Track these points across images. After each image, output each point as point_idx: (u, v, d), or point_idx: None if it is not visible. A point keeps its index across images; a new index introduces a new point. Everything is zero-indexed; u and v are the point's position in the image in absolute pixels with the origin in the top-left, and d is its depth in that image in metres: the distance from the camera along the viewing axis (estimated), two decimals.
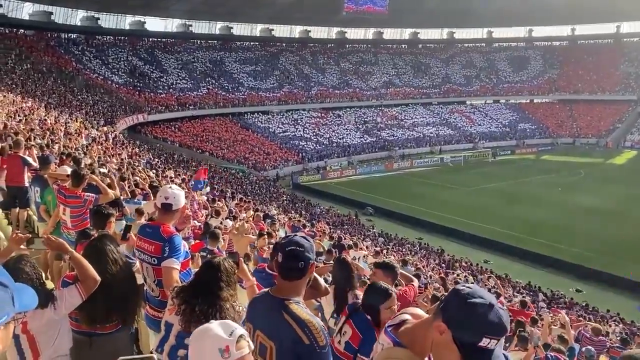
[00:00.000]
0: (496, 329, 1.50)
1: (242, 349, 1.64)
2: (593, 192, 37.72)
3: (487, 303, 1.52)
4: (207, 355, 1.62)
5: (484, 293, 1.56)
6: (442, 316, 1.56)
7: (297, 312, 2.16)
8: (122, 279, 3.18)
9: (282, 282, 2.28)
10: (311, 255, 2.24)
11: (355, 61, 72.95)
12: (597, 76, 70.89)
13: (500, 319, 1.51)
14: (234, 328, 1.68)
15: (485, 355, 1.52)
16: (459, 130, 63.57)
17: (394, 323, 1.79)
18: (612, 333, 13.22)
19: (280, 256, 2.24)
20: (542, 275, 23.84)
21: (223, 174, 35.51)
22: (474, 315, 1.50)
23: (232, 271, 2.87)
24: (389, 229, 30.05)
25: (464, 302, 1.53)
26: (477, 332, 1.50)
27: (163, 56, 59.33)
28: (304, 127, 57.05)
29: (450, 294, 1.59)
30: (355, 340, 3.00)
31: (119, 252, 3.32)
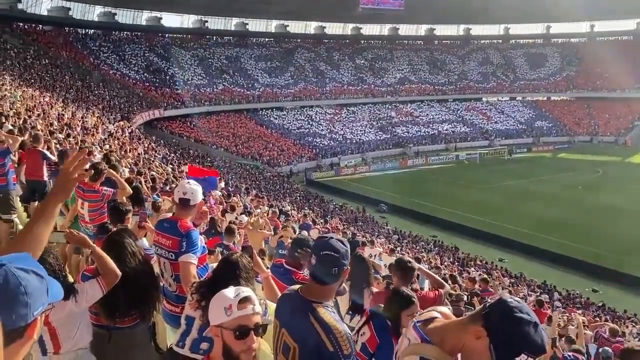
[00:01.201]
0: (536, 348, 1.53)
1: (245, 308, 1.78)
2: (611, 191, 37.18)
3: (532, 321, 1.54)
4: (216, 312, 1.82)
5: (530, 310, 1.57)
6: (483, 322, 1.57)
7: (324, 317, 2.10)
8: (141, 273, 3.20)
9: (312, 284, 2.23)
10: (345, 262, 2.19)
11: (370, 57, 72.68)
12: (616, 73, 69.68)
13: (542, 339, 1.54)
14: (242, 291, 1.84)
15: None
16: (474, 128, 63.07)
17: (422, 319, 1.79)
18: (629, 334, 13.05)
19: (315, 259, 2.19)
20: (557, 274, 23.58)
21: (238, 170, 35.68)
22: (518, 330, 1.52)
23: (249, 267, 2.88)
24: (403, 226, 29.94)
25: (511, 314, 1.54)
26: (517, 346, 1.53)
27: (179, 52, 59.67)
28: (318, 124, 57.04)
29: (497, 304, 1.60)
30: (372, 344, 2.94)
31: (138, 246, 3.34)
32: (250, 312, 1.78)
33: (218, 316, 1.80)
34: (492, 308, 1.59)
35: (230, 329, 1.77)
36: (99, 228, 4.66)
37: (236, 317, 1.77)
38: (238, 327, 1.77)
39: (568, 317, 12.71)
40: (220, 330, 1.79)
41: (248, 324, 1.78)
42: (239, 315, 1.77)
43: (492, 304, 1.60)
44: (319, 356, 2.06)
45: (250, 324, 1.78)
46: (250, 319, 1.79)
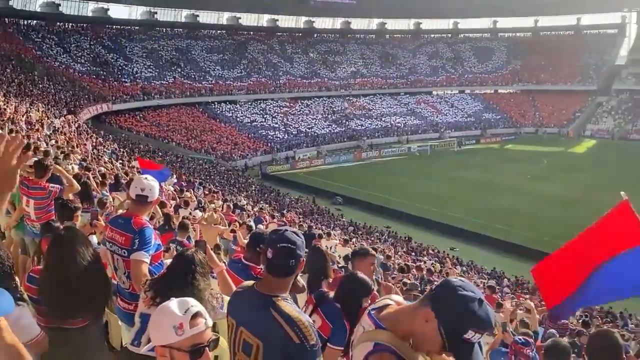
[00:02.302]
0: (483, 324, 1.57)
1: (197, 325, 1.64)
2: (556, 180, 38.77)
3: (477, 298, 1.58)
4: (163, 331, 1.64)
5: (474, 287, 1.61)
6: (430, 304, 1.61)
7: (286, 310, 2.09)
8: (91, 271, 3.09)
9: (269, 277, 2.20)
10: (302, 253, 2.19)
11: (323, 51, 72.81)
12: (559, 67, 72.59)
13: (488, 315, 1.58)
14: (190, 305, 1.67)
15: (467, 346, 1.58)
16: (425, 120, 64.31)
17: (376, 307, 1.82)
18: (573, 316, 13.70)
19: (271, 252, 2.16)
20: (506, 261, 24.42)
21: (191, 165, 35.09)
22: (464, 307, 1.56)
23: (205, 262, 2.83)
24: (358, 217, 30.29)
25: (456, 293, 1.58)
26: (464, 324, 1.56)
27: (127, 44, 57.95)
28: (273, 117, 56.76)
29: (442, 285, 1.65)
30: (325, 330, 2.91)
31: (88, 243, 3.23)
32: (203, 328, 1.65)
33: (166, 336, 1.63)
34: (437, 290, 1.64)
35: (183, 350, 1.62)
36: (44, 226, 4.50)
37: (189, 336, 1.62)
38: (192, 347, 1.63)
39: (517, 302, 13.22)
40: (170, 351, 1.63)
41: (202, 342, 1.65)
42: (192, 334, 1.62)
43: (438, 286, 1.66)
44: (286, 350, 2.05)
45: (204, 341, 1.66)
46: (203, 336, 1.66)
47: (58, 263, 3.00)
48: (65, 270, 2.97)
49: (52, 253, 3.07)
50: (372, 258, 4.04)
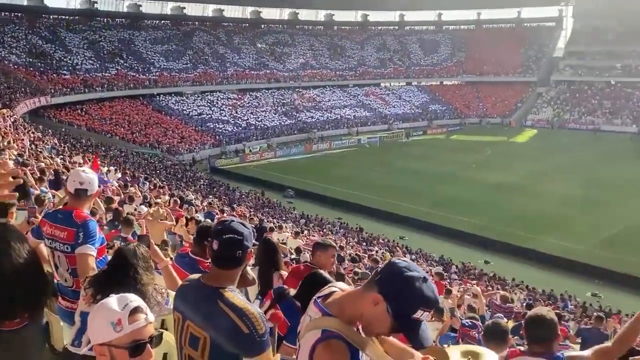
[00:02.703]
0: (430, 302, 1.59)
1: (137, 321, 1.58)
2: (499, 169, 40.14)
3: (422, 277, 1.60)
4: (100, 328, 1.58)
5: (417, 267, 1.63)
6: (377, 288, 1.61)
7: (234, 301, 2.06)
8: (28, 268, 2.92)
9: (216, 270, 2.17)
10: (249, 244, 2.16)
11: (271, 42, 72.21)
12: (501, 59, 75.00)
13: (434, 292, 1.60)
14: (129, 301, 1.62)
15: (416, 326, 1.59)
16: (374, 112, 65.04)
17: (322, 294, 1.81)
18: (517, 300, 14.26)
19: (216, 244, 2.13)
20: (453, 248, 25.15)
21: (136, 159, 34.12)
22: (411, 288, 1.57)
23: (148, 256, 2.73)
24: (310, 210, 30.36)
25: (401, 275, 1.59)
26: (413, 304, 1.57)
27: (66, 35, 55.42)
28: (221, 109, 55.87)
29: (387, 268, 1.65)
30: (282, 328, 2.88)
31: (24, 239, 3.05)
32: (144, 323, 1.59)
33: (104, 333, 1.57)
34: (383, 273, 1.64)
35: (122, 346, 1.56)
36: None
37: (128, 332, 1.56)
38: (132, 343, 1.56)
39: (464, 288, 13.62)
40: (109, 349, 1.57)
41: (143, 338, 1.59)
42: (131, 330, 1.56)
43: (383, 269, 1.66)
44: (234, 341, 2.02)
45: (145, 337, 1.59)
46: (144, 332, 1.59)
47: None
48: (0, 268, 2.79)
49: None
50: (334, 250, 4.09)
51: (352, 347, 1.64)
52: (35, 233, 3.53)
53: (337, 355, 1.61)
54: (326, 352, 1.61)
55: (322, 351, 1.62)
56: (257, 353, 2.03)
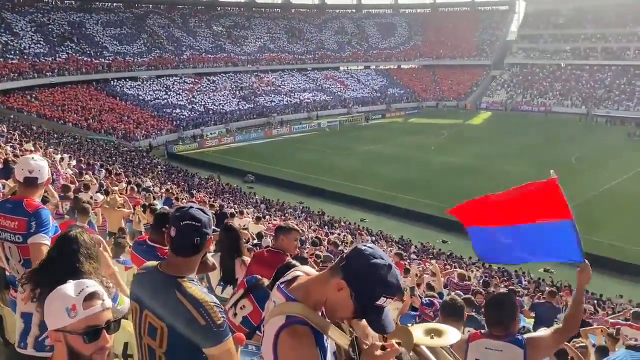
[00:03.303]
0: (394, 290, 1.61)
1: (92, 306, 1.57)
2: (455, 151, 40.98)
3: (387, 264, 1.61)
4: (55, 314, 1.56)
5: (383, 254, 1.64)
6: (342, 274, 1.61)
7: (191, 291, 2.01)
8: None
9: (174, 257, 2.11)
10: (208, 230, 2.11)
11: (228, 25, 70.91)
12: (457, 42, 76.19)
13: (398, 280, 1.62)
14: (84, 286, 1.60)
15: (379, 312, 1.62)
16: (333, 96, 65.07)
17: (285, 280, 1.80)
18: (474, 277, 14.70)
19: (174, 230, 2.07)
20: (413, 229, 25.63)
21: (90, 146, 33.10)
22: (375, 275, 1.58)
23: (92, 243, 2.58)
24: (271, 195, 30.26)
25: (367, 262, 1.60)
26: (376, 291, 1.59)
27: (12, 17, 52.70)
28: (177, 94, 54.72)
29: (352, 254, 1.64)
30: (256, 318, 2.86)
31: None
32: (100, 309, 1.58)
33: (58, 319, 1.55)
34: (348, 259, 1.64)
35: (76, 332, 1.55)
36: None
37: (83, 317, 1.54)
38: (86, 329, 1.55)
39: (423, 267, 13.93)
40: (64, 335, 1.56)
41: (98, 323, 1.57)
42: (86, 316, 1.55)
43: (348, 255, 1.65)
44: (191, 332, 1.99)
45: (101, 322, 1.58)
46: (100, 317, 1.58)
47: None
48: None
49: None
50: (297, 234, 4.09)
51: (317, 332, 1.64)
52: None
53: (302, 340, 1.61)
54: (291, 338, 1.61)
55: (287, 337, 1.61)
56: (215, 343, 2.01)
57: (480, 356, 2.93)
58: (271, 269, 3.26)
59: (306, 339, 1.62)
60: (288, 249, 4.01)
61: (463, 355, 2.90)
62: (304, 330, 1.63)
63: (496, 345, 2.90)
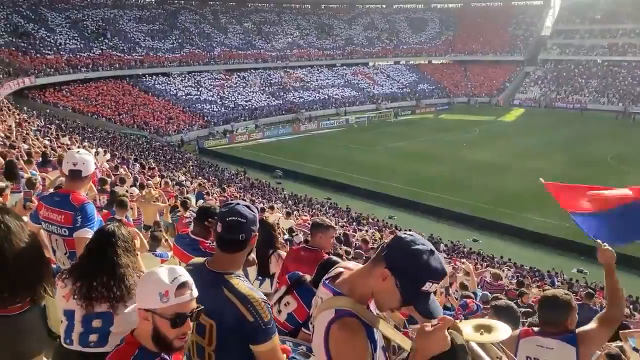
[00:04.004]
0: (438, 274, 1.61)
1: (182, 295, 1.70)
2: (487, 148, 40.35)
3: (428, 249, 1.61)
4: (147, 296, 1.70)
5: (424, 240, 1.64)
6: (384, 263, 1.63)
7: (238, 288, 2.04)
8: (28, 251, 2.89)
9: (220, 254, 2.14)
10: (254, 227, 2.13)
11: (258, 21, 71.26)
12: (489, 38, 74.94)
13: (442, 264, 1.62)
14: (178, 274, 1.71)
15: (425, 297, 1.62)
16: (362, 92, 64.80)
17: (330, 276, 1.82)
18: (506, 277, 14.47)
19: (220, 227, 2.10)
20: (443, 228, 25.34)
21: (123, 141, 33.78)
22: (418, 261, 1.59)
23: (128, 237, 2.64)
24: (298, 190, 30.33)
25: (408, 249, 1.60)
26: (421, 277, 1.59)
27: (49, 14, 54.16)
28: (208, 90, 55.33)
29: (394, 242, 1.66)
30: (301, 314, 2.84)
31: (22, 224, 3.01)
32: (188, 298, 1.72)
33: (151, 301, 1.69)
34: (389, 248, 1.65)
35: (165, 317, 1.68)
36: None
37: (174, 304, 1.68)
38: (175, 316, 1.68)
39: (454, 267, 13.79)
40: (152, 315, 1.70)
41: (185, 311, 1.71)
42: (177, 303, 1.68)
43: (389, 244, 1.67)
44: (239, 328, 2.01)
45: (187, 311, 1.72)
46: (187, 306, 1.72)
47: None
48: (1, 252, 2.76)
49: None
50: (334, 231, 4.08)
51: (367, 325, 1.66)
52: (33, 218, 3.49)
53: (353, 331, 1.62)
54: (341, 331, 1.62)
55: (338, 330, 1.63)
56: (263, 340, 2.02)
57: (531, 353, 2.88)
58: (308, 267, 3.28)
59: (357, 330, 1.63)
60: (325, 247, 4.00)
61: (514, 351, 2.85)
62: (354, 322, 1.64)
63: (548, 343, 2.85)
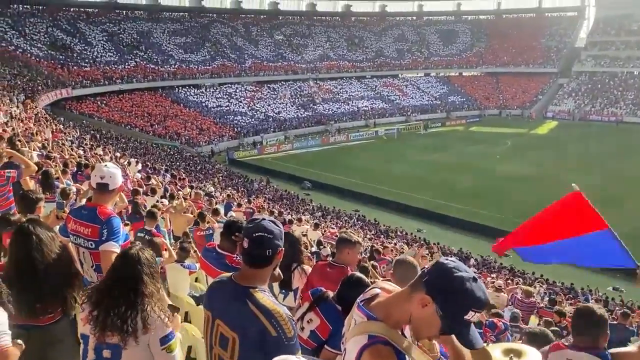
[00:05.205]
0: (482, 303, 1.56)
1: None
2: (519, 161, 39.64)
3: (471, 277, 1.57)
4: None
5: (466, 267, 1.60)
6: (425, 289, 1.58)
7: (263, 302, 2.04)
8: (58, 264, 2.95)
9: (246, 268, 2.15)
10: (280, 243, 2.13)
11: (289, 33, 72.06)
12: (521, 49, 73.93)
13: (484, 292, 1.57)
14: None
15: (467, 327, 1.58)
16: (392, 104, 64.62)
17: (365, 297, 1.78)
18: (537, 293, 14.12)
19: (247, 242, 2.10)
20: (472, 241, 24.91)
21: (155, 151, 34.43)
22: (462, 289, 1.54)
23: (153, 261, 2.52)
24: (327, 202, 30.34)
25: (451, 275, 1.56)
26: (464, 305, 1.55)
27: (86, 27, 55.99)
28: (239, 101, 56.06)
29: (435, 268, 1.61)
30: (324, 332, 2.80)
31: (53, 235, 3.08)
32: None
33: None
34: (431, 274, 1.60)
35: None
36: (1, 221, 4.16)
37: None
38: None
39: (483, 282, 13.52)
40: None
41: None
42: None
43: (431, 270, 1.61)
44: (262, 342, 2.00)
45: None
46: None
47: (25, 256, 2.86)
48: (32, 263, 2.83)
49: (18, 246, 2.91)
50: (360, 247, 4.04)
51: (399, 352, 1.63)
52: (62, 231, 3.56)
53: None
54: (374, 358, 1.59)
55: (369, 357, 1.60)
56: None
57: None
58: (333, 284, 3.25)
59: (389, 358, 1.60)
60: (351, 263, 3.97)
61: None
62: (387, 350, 1.61)
63: (579, 357, 2.75)
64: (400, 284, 2.10)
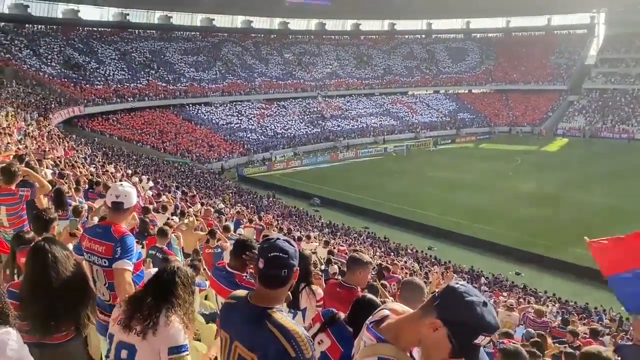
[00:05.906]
0: (491, 327, 1.57)
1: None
2: (530, 179, 39.40)
3: (482, 301, 1.58)
4: None
5: (476, 291, 1.61)
6: (436, 312, 1.59)
7: (282, 322, 2.04)
8: (73, 282, 2.99)
9: (262, 289, 2.14)
10: (295, 262, 2.13)
11: (298, 52, 72.77)
12: (531, 67, 74.00)
13: (495, 317, 1.58)
14: None
15: (476, 351, 1.58)
16: (401, 121, 64.75)
17: (375, 319, 1.79)
18: (550, 313, 13.93)
19: (262, 262, 2.10)
20: (483, 259, 24.74)
21: (166, 168, 34.67)
22: (472, 313, 1.55)
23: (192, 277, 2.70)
24: (336, 218, 30.28)
25: (462, 300, 1.57)
26: (475, 330, 1.56)
27: (99, 46, 56.95)
28: (249, 119, 56.48)
29: (446, 292, 1.62)
30: (335, 353, 2.79)
31: (68, 254, 3.12)
32: None
33: None
34: (442, 298, 1.61)
35: None
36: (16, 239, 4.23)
37: None
38: None
39: (495, 300, 13.39)
40: None
41: None
42: None
43: (442, 294, 1.62)
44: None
45: None
46: None
47: (40, 274, 2.89)
48: (48, 281, 2.87)
49: (33, 264, 2.95)
50: (371, 267, 4.02)
51: None
52: (77, 249, 3.59)
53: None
54: None
55: None
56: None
57: None
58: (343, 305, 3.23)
59: None
60: (362, 284, 3.95)
61: None
62: None
63: None
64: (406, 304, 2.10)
